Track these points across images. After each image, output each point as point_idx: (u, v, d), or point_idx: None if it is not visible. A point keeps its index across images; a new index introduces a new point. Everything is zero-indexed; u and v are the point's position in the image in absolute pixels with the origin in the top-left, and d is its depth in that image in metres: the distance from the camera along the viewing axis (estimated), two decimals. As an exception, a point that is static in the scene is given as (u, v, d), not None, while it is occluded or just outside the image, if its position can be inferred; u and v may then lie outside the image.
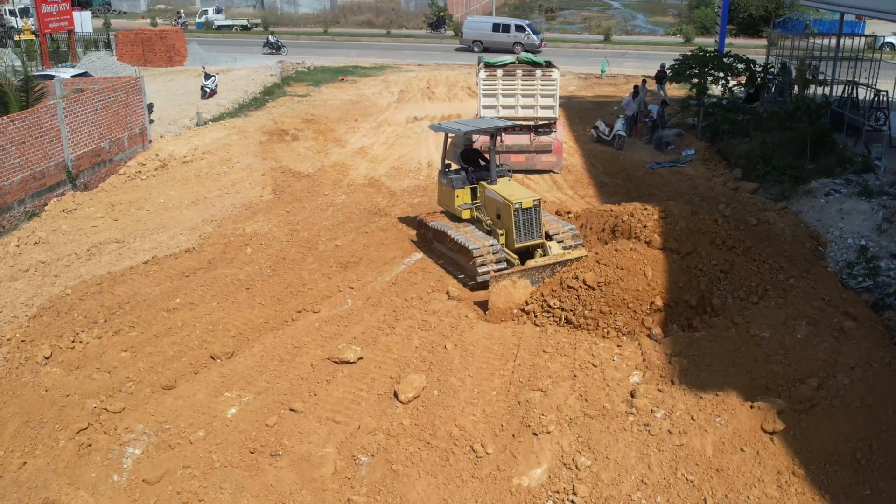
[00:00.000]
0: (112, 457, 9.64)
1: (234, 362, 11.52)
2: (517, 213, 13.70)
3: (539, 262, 13.26)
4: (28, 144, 17.83)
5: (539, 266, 13.12)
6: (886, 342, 12.50)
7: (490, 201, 14.51)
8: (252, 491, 9.18)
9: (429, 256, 15.30)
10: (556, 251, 13.74)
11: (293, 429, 10.07)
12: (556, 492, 9.35)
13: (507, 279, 12.84)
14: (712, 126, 24.05)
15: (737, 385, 10.84)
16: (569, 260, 13.16)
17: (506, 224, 14.03)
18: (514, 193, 14.10)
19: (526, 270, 13.05)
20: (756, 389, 10.83)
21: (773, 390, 10.84)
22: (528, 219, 13.85)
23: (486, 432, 9.97)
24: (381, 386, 10.91)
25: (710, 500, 9.41)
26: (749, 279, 13.57)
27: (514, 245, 13.87)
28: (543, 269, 13.09)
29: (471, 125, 15.38)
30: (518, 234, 13.83)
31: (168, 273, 14.44)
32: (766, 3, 51.81)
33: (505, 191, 14.23)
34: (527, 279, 12.99)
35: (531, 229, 13.92)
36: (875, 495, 9.60)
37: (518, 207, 13.66)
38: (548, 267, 13.12)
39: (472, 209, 15.02)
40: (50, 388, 10.82)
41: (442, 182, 15.55)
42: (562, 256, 13.34)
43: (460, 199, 15.01)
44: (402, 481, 9.38)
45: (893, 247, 15.63)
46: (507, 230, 14.05)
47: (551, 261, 13.23)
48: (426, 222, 15.61)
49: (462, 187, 15.02)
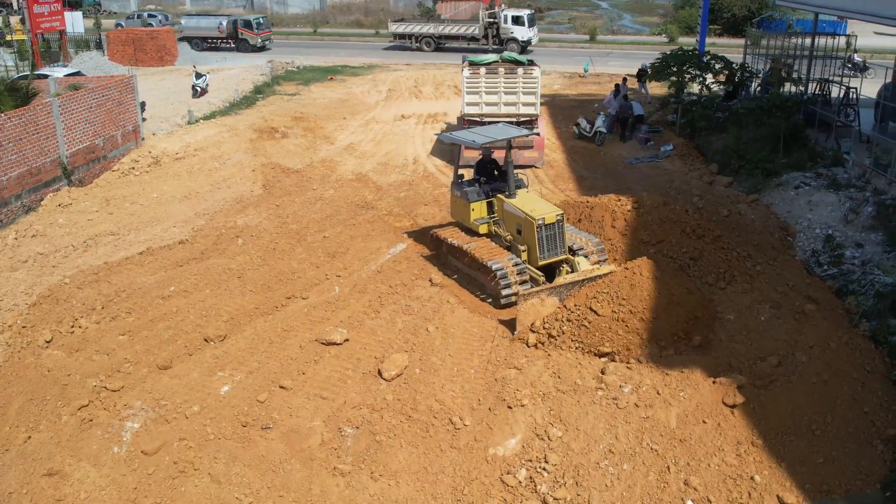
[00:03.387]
0: (112, 430, 10.25)
1: (226, 344, 12.14)
2: (540, 230, 13.23)
3: (568, 280, 12.64)
4: (25, 141, 18.36)
5: (568, 283, 12.51)
6: (846, 324, 13.23)
7: (510, 216, 13.94)
8: (244, 460, 9.81)
9: (444, 273, 14.71)
10: (585, 267, 13.20)
11: (283, 404, 10.71)
12: (530, 460, 10.03)
13: (536, 297, 12.26)
14: (690, 123, 24.79)
15: (701, 363, 11.53)
16: (598, 276, 12.45)
17: (528, 240, 13.51)
18: (536, 208, 13.58)
19: (554, 288, 12.44)
20: (719, 367, 11.54)
21: (736, 367, 11.55)
22: (551, 234, 13.36)
23: (464, 406, 10.64)
24: (366, 365, 11.56)
25: (674, 467, 10.10)
26: (717, 266, 14.30)
27: (538, 262, 13.39)
28: (572, 287, 12.44)
29: (485, 135, 14.56)
30: (541, 251, 13.35)
31: (162, 263, 15.02)
32: (748, 4, 52.71)
33: (526, 205, 13.67)
34: (555, 296, 12.38)
35: (555, 245, 13.44)
36: (828, 463, 10.33)
37: (541, 223, 13.21)
38: (576, 284, 12.45)
39: (489, 223, 14.39)
40: (52, 368, 11.41)
41: (455, 194, 14.87)
42: (591, 273, 12.70)
43: (476, 213, 14.41)
44: (385, 451, 10.03)
45: (858, 236, 16.35)
46: (529, 246, 13.54)
47: (580, 277, 12.58)
48: (442, 238, 14.89)
49: (478, 200, 14.41)
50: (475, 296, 13.85)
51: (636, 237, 14.76)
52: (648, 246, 14.64)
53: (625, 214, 15.16)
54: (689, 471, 10.04)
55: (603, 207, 15.35)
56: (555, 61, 40.99)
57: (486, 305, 13.35)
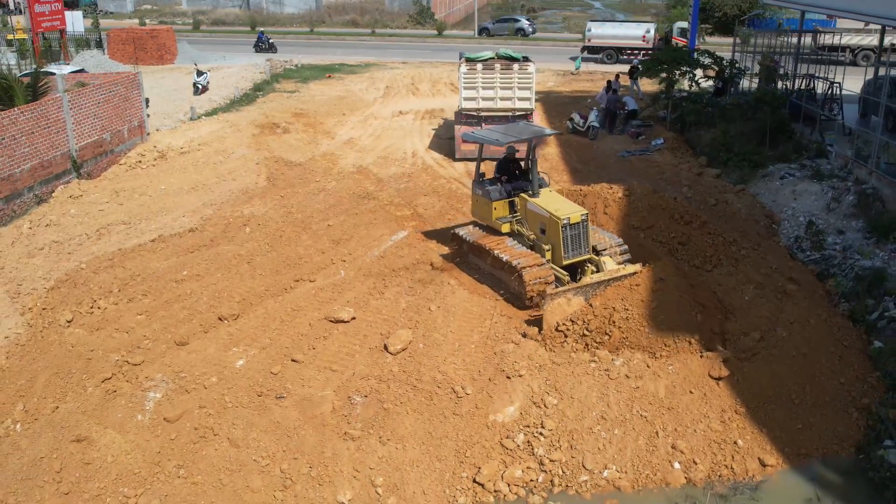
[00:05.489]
0: (135, 400, 10.91)
1: (239, 323, 12.81)
2: (565, 229, 13.23)
3: (594, 279, 12.68)
4: (37, 135, 18.97)
5: (594, 283, 12.60)
6: (825, 304, 13.97)
7: (533, 215, 13.89)
8: (261, 426, 10.49)
9: (463, 270, 14.77)
10: (611, 266, 13.22)
11: (295, 376, 11.40)
12: (527, 426, 10.74)
13: (562, 296, 12.33)
14: (681, 118, 25.55)
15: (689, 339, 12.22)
16: (623, 276, 12.59)
17: (552, 239, 13.49)
18: (561, 208, 13.54)
19: (580, 287, 12.52)
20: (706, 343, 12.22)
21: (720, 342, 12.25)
22: (575, 234, 13.37)
23: (466, 377, 11.34)
24: (372, 341, 12.24)
25: (662, 432, 10.82)
26: (704, 250, 15.04)
27: (563, 262, 13.41)
28: (598, 286, 12.53)
29: (509, 134, 14.52)
30: (566, 251, 13.35)
31: (174, 250, 15.67)
32: (739, 3, 53.54)
33: (550, 205, 13.63)
34: (581, 296, 12.43)
35: (579, 244, 13.45)
36: (806, 429, 11.08)
37: (566, 223, 13.20)
38: (602, 283, 12.54)
39: (511, 222, 14.31)
40: (75, 344, 12.06)
41: (477, 193, 14.77)
42: (616, 272, 12.78)
43: (498, 212, 14.35)
44: (392, 418, 10.72)
45: (840, 223, 17.10)
46: (553, 246, 13.51)
47: (606, 277, 12.66)
48: (462, 236, 14.83)
49: (499, 199, 14.34)
50: (474, 279, 14.47)
51: (627, 223, 15.46)
52: (638, 231, 15.35)
53: (616, 202, 15.88)
54: (676, 436, 10.76)
55: (595, 195, 16.06)
56: (549, 60, 41.71)
57: (485, 287, 14.01)
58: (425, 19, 60.93)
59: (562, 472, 10.24)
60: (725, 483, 10.30)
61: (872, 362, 12.37)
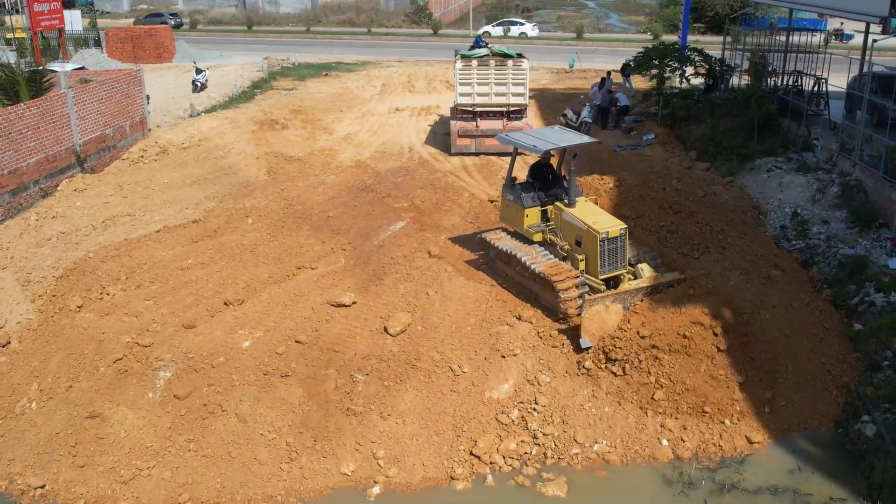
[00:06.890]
0: (146, 379, 11.40)
1: (244, 307, 13.30)
2: (603, 243, 12.70)
3: (633, 286, 12.41)
4: (42, 129, 19.41)
5: (633, 289, 12.33)
6: (809, 289, 14.53)
7: (568, 226, 13.32)
8: (267, 403, 10.99)
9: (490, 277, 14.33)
10: (648, 273, 12.89)
11: (299, 356, 11.89)
12: (521, 402, 11.26)
13: (601, 304, 12.01)
14: (671, 113, 26.09)
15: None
16: (663, 283, 12.45)
17: (588, 252, 12.96)
18: (599, 220, 13.00)
19: (619, 294, 12.27)
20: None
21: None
22: (613, 248, 12.83)
23: (463, 356, 11.85)
24: (372, 324, 12.74)
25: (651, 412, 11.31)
26: (692, 238, 15.56)
27: (599, 276, 12.93)
28: (636, 293, 12.30)
29: (548, 140, 13.71)
30: (602, 265, 12.82)
31: (179, 240, 16.13)
32: (731, 2, 54.14)
33: (588, 217, 13.09)
34: (619, 304, 12.14)
35: (616, 259, 12.92)
36: (789, 406, 11.65)
37: (605, 237, 12.65)
38: (640, 291, 12.33)
39: (545, 231, 13.77)
40: (87, 328, 12.54)
41: (508, 198, 14.21)
42: (656, 280, 12.58)
43: (530, 220, 13.80)
44: (392, 395, 11.24)
45: (824, 214, 17.65)
46: (589, 258, 12.99)
47: (644, 284, 12.46)
48: (491, 242, 14.34)
49: (532, 206, 13.78)
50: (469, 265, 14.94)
51: (618, 212, 15.91)
52: (628, 220, 15.83)
53: (607, 192, 16.40)
54: (665, 416, 11.27)
55: (587, 186, 16.57)
56: (543, 58, 42.23)
57: (480, 273, 14.48)
58: (422, 18, 61.42)
59: (554, 446, 10.76)
60: (713, 459, 10.79)
61: (852, 344, 12.95)
